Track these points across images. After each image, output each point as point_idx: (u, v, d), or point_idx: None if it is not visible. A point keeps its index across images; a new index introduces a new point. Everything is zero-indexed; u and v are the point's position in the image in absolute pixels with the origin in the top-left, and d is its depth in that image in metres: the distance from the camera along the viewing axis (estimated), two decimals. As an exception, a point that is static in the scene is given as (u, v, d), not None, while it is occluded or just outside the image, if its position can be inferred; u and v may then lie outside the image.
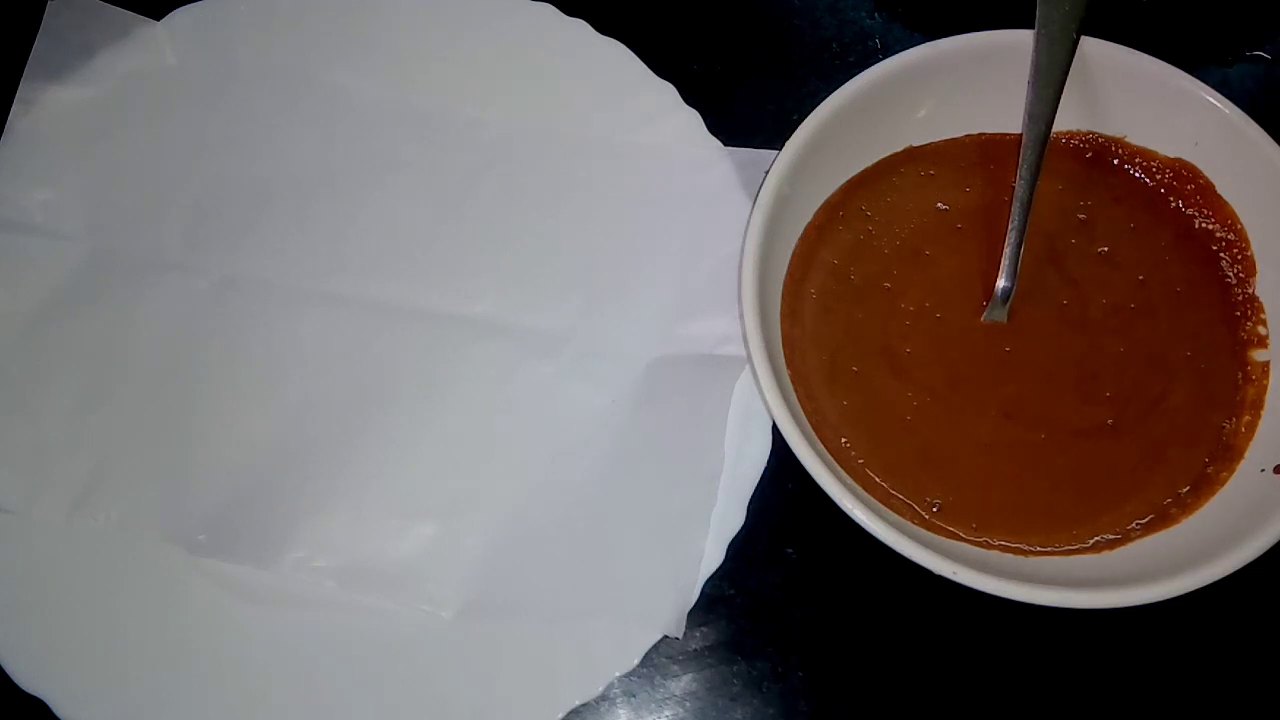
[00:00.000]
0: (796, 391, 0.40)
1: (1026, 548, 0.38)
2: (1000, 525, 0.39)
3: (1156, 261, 0.42)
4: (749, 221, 0.39)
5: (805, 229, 0.42)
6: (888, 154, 0.43)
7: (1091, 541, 0.38)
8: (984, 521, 0.39)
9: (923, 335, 0.41)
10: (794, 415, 0.37)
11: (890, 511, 0.38)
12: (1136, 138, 0.43)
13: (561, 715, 0.38)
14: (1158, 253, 0.42)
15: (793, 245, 0.42)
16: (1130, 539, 0.38)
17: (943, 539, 0.38)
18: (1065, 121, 0.43)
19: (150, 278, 0.44)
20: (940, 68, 0.41)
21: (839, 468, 0.38)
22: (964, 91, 0.42)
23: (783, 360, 0.40)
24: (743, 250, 0.39)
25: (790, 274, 0.42)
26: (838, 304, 0.41)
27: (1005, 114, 0.43)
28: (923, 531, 0.38)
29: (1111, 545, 0.38)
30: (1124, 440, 0.40)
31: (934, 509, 0.39)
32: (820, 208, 0.43)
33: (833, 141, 0.41)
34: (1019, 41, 0.41)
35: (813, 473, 0.36)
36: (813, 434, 0.38)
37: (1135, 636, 0.40)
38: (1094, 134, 0.44)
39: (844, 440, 0.39)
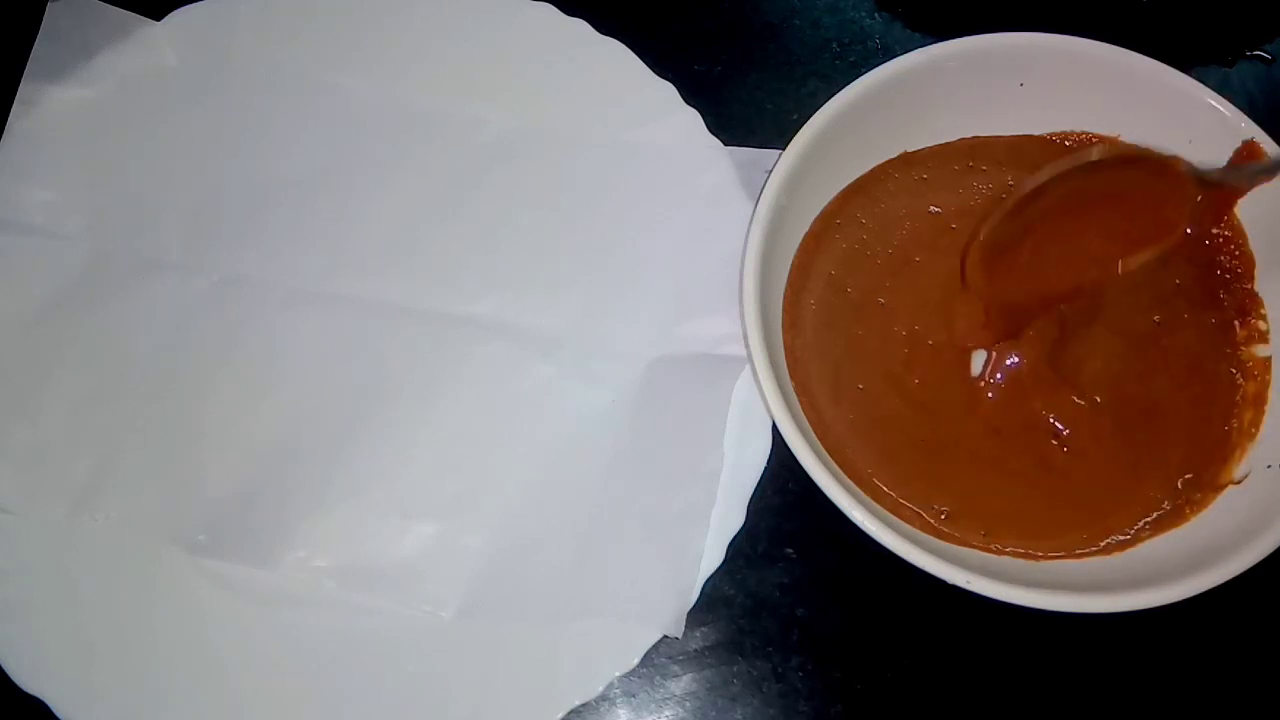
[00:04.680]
0: (800, 401, 0.40)
1: (1037, 552, 0.38)
2: (1009, 530, 0.39)
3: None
4: (748, 234, 0.39)
5: (804, 238, 0.42)
6: (883, 160, 0.43)
7: (1102, 543, 0.38)
8: (993, 527, 0.39)
9: (922, 364, 0.41)
10: (800, 429, 0.37)
11: (899, 520, 0.38)
12: (1130, 137, 0.43)
13: (561, 715, 0.38)
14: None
15: (792, 255, 0.42)
16: (1140, 540, 0.38)
17: (953, 546, 0.38)
18: (1058, 122, 0.44)
19: (150, 278, 0.44)
20: (935, 73, 0.41)
21: (847, 479, 0.38)
22: (959, 96, 0.42)
23: (786, 373, 0.40)
24: (743, 263, 0.39)
25: (790, 284, 0.42)
26: (837, 318, 0.41)
27: (999, 117, 0.43)
28: (933, 540, 0.38)
29: (1122, 546, 0.38)
30: (1127, 442, 0.40)
31: (942, 516, 0.39)
32: (817, 216, 0.43)
33: (829, 150, 0.41)
34: (1015, 44, 0.41)
35: (821, 485, 0.36)
36: (819, 444, 0.38)
37: (1140, 635, 0.40)
38: (1087, 134, 0.44)
39: (850, 451, 0.39)
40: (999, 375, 0.40)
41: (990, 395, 0.40)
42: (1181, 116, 0.41)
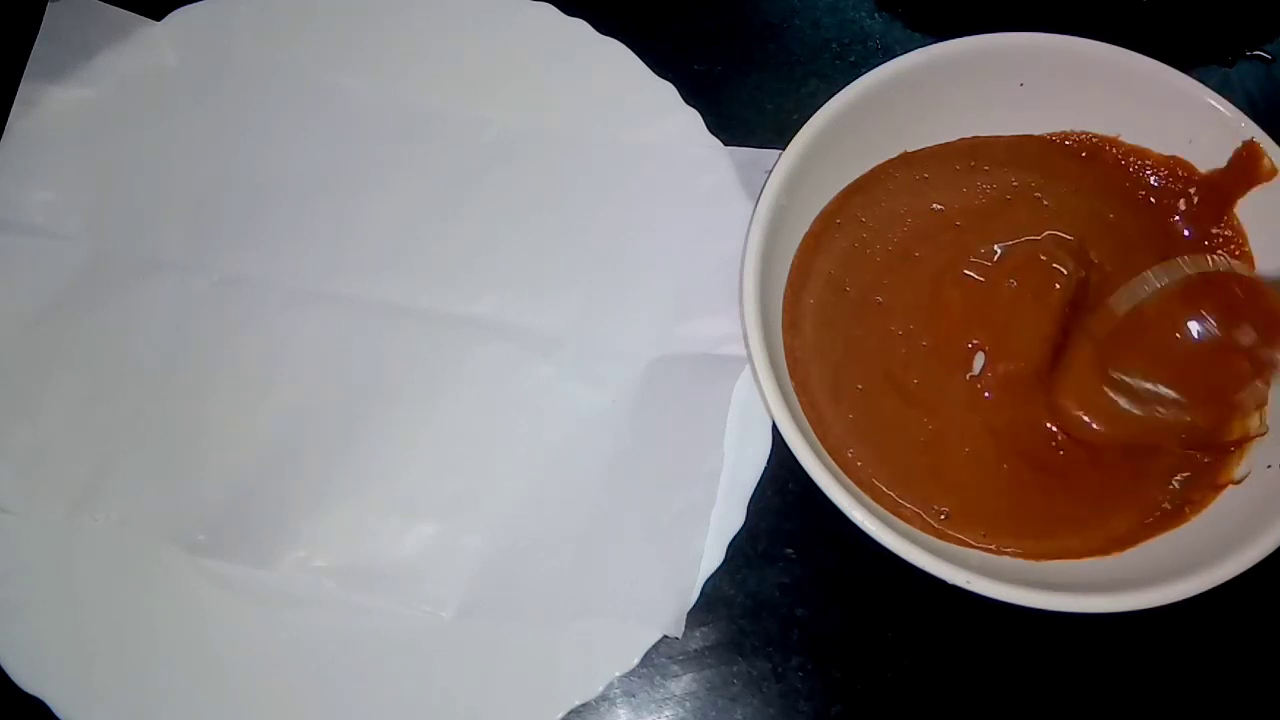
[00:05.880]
0: (800, 401, 0.40)
1: (1037, 552, 0.38)
2: (1010, 531, 0.39)
3: (1152, 260, 0.42)
4: (748, 234, 0.39)
5: (804, 238, 0.42)
6: (883, 160, 0.43)
7: (1102, 543, 0.38)
8: (993, 527, 0.39)
9: (920, 364, 0.41)
10: (800, 429, 0.37)
11: (899, 520, 0.38)
12: (1130, 137, 0.43)
13: (561, 715, 0.38)
14: (1153, 251, 0.42)
15: (792, 255, 0.42)
16: (1140, 540, 0.38)
17: (953, 546, 0.38)
18: (1058, 122, 0.43)
19: (150, 278, 0.44)
20: (935, 73, 0.41)
21: (847, 479, 0.38)
22: (959, 96, 0.42)
23: (786, 373, 0.40)
24: (743, 263, 0.39)
25: (790, 284, 0.42)
26: (836, 317, 0.41)
27: (999, 117, 0.43)
28: (933, 540, 0.38)
29: (1122, 546, 0.38)
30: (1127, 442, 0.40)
31: (942, 516, 0.39)
32: (817, 216, 0.43)
33: (829, 150, 0.41)
34: (1015, 44, 0.41)
35: (821, 485, 0.36)
36: (819, 445, 0.38)
37: (1140, 635, 0.40)
38: (1087, 134, 0.43)
39: (850, 451, 0.39)
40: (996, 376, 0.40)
41: (988, 396, 0.40)
42: (1181, 116, 0.41)
